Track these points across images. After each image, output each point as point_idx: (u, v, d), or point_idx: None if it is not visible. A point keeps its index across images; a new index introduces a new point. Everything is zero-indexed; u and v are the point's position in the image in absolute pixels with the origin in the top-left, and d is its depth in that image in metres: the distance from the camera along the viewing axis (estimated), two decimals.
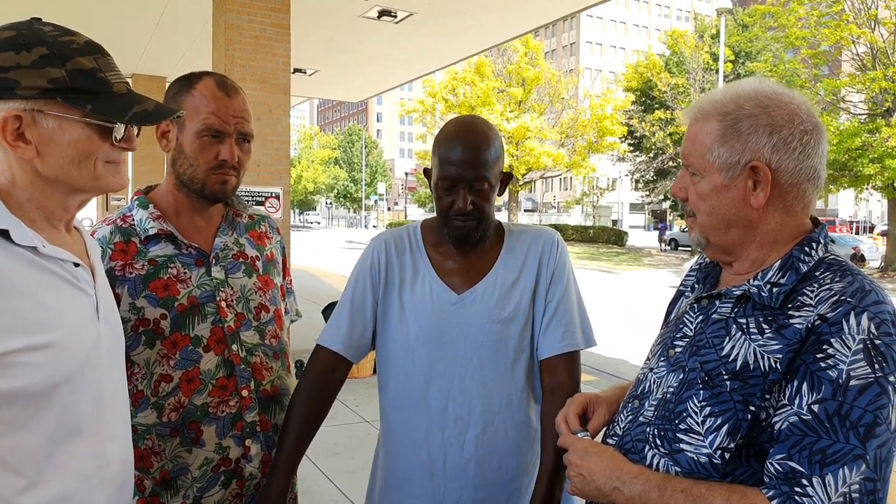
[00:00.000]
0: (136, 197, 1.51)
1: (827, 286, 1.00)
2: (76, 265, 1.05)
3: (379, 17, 9.11)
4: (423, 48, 11.13)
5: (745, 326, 1.04)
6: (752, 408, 0.99)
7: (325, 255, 23.55)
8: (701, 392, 1.04)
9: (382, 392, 1.57)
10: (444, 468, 1.47)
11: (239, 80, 6.14)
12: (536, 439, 1.51)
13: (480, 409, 1.47)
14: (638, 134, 31.96)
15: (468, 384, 1.47)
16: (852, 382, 0.93)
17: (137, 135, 1.09)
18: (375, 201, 65.51)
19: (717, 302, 1.11)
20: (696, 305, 1.15)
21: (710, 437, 1.02)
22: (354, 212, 68.55)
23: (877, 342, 0.94)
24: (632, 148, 34.30)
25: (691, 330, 1.13)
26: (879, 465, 0.92)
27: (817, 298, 0.99)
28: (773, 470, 0.95)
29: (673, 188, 1.15)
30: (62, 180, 1.02)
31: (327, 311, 6.67)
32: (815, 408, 0.93)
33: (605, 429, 1.25)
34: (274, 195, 6.16)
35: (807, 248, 1.05)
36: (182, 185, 1.47)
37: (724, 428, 1.01)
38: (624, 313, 11.04)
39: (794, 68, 22.29)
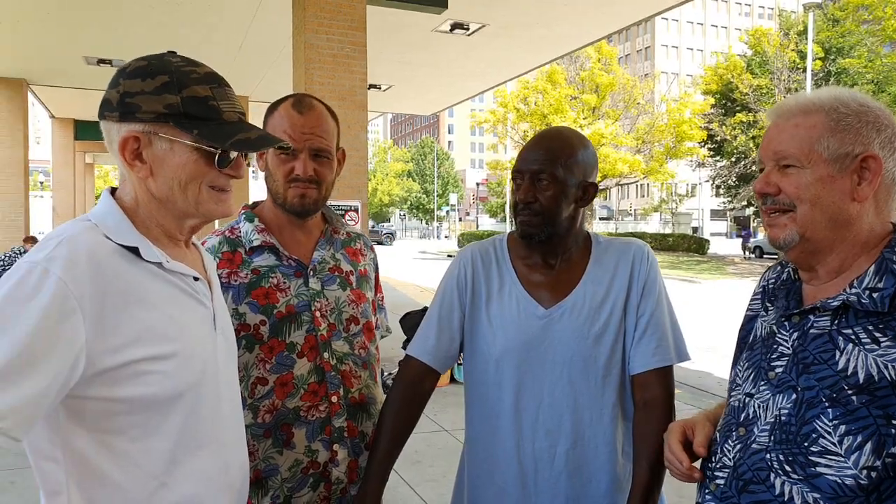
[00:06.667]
0: (243, 211, 1.61)
1: None
2: (196, 279, 1.12)
3: (451, 30, 9.22)
4: (496, 59, 11.17)
5: (853, 337, 1.00)
6: (895, 422, 0.95)
7: (400, 266, 23.89)
8: (829, 410, 0.99)
9: (470, 403, 1.58)
10: (535, 480, 1.46)
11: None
12: (629, 455, 1.48)
13: (571, 423, 1.45)
14: (718, 138, 30.84)
15: (558, 399, 1.46)
16: None
17: (249, 165, 1.15)
18: (447, 212, 65.99)
19: (811, 317, 1.07)
20: (786, 323, 1.11)
21: (854, 457, 0.96)
22: (426, 223, 69.28)
23: None
24: (712, 153, 33.08)
25: (788, 348, 1.08)
26: None
27: None
28: None
29: (758, 184, 1.12)
30: (171, 201, 1.08)
31: (405, 320, 6.78)
32: None
33: (704, 462, 1.19)
34: (353, 208, 6.33)
35: None
36: (273, 200, 1.56)
37: (868, 446, 0.96)
38: (707, 324, 10.63)
39: (892, 63, 20.94)
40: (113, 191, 1.12)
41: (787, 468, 1.01)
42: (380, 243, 43.10)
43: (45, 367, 0.89)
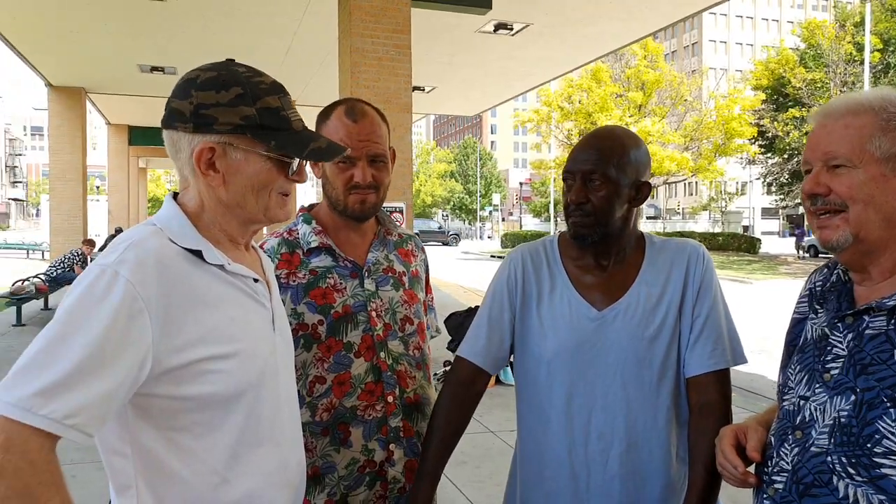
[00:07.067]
0: (301, 213, 1.65)
1: None
2: (255, 280, 1.15)
3: (495, 30, 9.20)
4: (539, 59, 11.10)
5: None
6: None
7: (443, 266, 23.93)
8: (891, 411, 0.99)
9: (521, 405, 1.57)
10: (588, 483, 1.45)
11: None
12: (683, 459, 1.45)
13: (625, 426, 1.43)
14: (770, 134, 29.95)
15: (611, 401, 1.44)
16: None
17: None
18: (490, 212, 65.86)
19: (865, 317, 1.07)
20: (840, 325, 1.10)
21: None
22: (469, 223, 69.35)
23: None
24: (763, 149, 32.12)
25: (844, 349, 1.08)
26: None
27: None
28: None
29: (807, 185, 1.11)
30: (241, 207, 1.12)
31: (449, 320, 6.79)
32: None
33: (759, 466, 1.18)
34: (398, 210, 6.39)
35: None
36: (332, 205, 1.59)
37: None
38: (760, 326, 10.34)
39: None
40: (175, 195, 1.15)
41: (851, 470, 1.01)
42: (446, 244, 43.27)
43: (115, 366, 0.92)
